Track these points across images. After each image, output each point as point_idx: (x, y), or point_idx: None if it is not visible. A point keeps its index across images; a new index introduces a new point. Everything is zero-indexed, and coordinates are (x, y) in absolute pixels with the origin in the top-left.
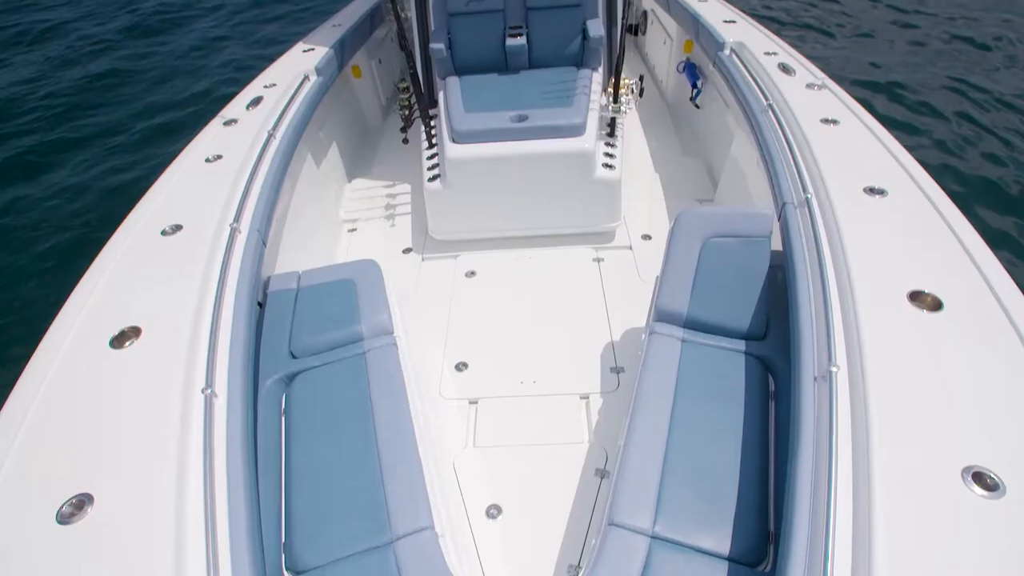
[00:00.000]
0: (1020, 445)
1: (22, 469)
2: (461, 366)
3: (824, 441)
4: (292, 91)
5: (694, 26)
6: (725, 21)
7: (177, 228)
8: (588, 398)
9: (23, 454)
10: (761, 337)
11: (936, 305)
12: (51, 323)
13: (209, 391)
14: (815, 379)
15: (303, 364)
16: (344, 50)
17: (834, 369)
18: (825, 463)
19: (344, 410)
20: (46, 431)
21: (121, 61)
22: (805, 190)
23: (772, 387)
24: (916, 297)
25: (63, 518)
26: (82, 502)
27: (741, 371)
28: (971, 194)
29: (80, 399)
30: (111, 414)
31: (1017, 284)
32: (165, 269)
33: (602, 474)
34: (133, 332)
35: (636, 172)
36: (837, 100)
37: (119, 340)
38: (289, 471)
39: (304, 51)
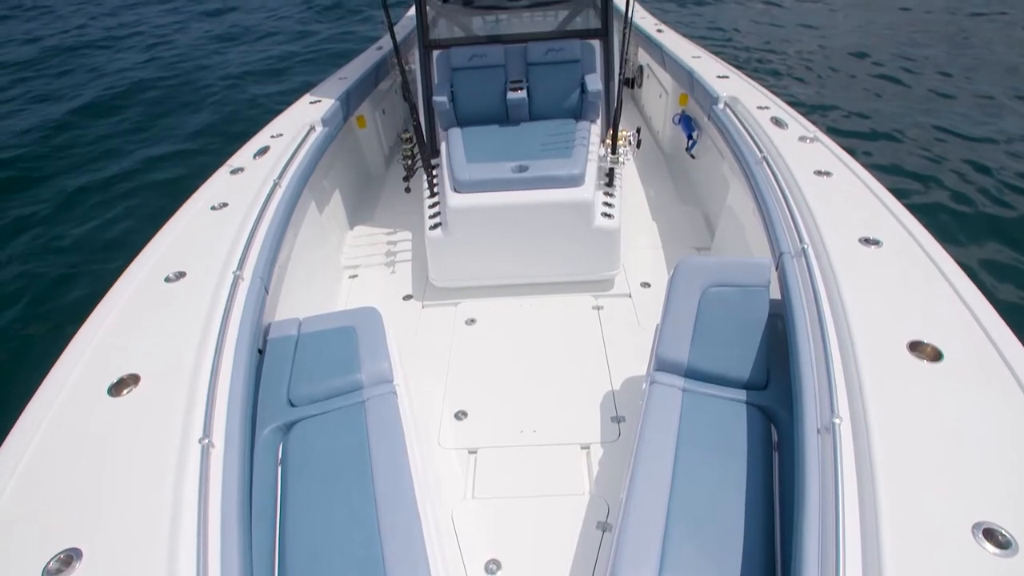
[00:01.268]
0: None
1: (10, 521)
2: (460, 415)
3: (830, 496)
4: (298, 141)
5: (689, 80)
6: (718, 76)
7: (181, 275)
8: (589, 448)
9: (12, 505)
10: (762, 387)
11: (936, 355)
12: (50, 368)
13: (206, 441)
14: (818, 431)
15: (301, 413)
16: (350, 102)
17: (837, 421)
18: (832, 518)
19: (341, 461)
20: (38, 481)
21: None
22: (801, 240)
23: (775, 438)
24: (916, 347)
25: (49, 574)
26: (70, 557)
27: (743, 422)
28: (964, 242)
29: (75, 448)
30: (106, 464)
31: (1015, 333)
32: (167, 316)
33: (604, 527)
34: (132, 380)
35: (635, 221)
36: (829, 152)
37: (117, 388)
38: (284, 524)
39: (311, 102)
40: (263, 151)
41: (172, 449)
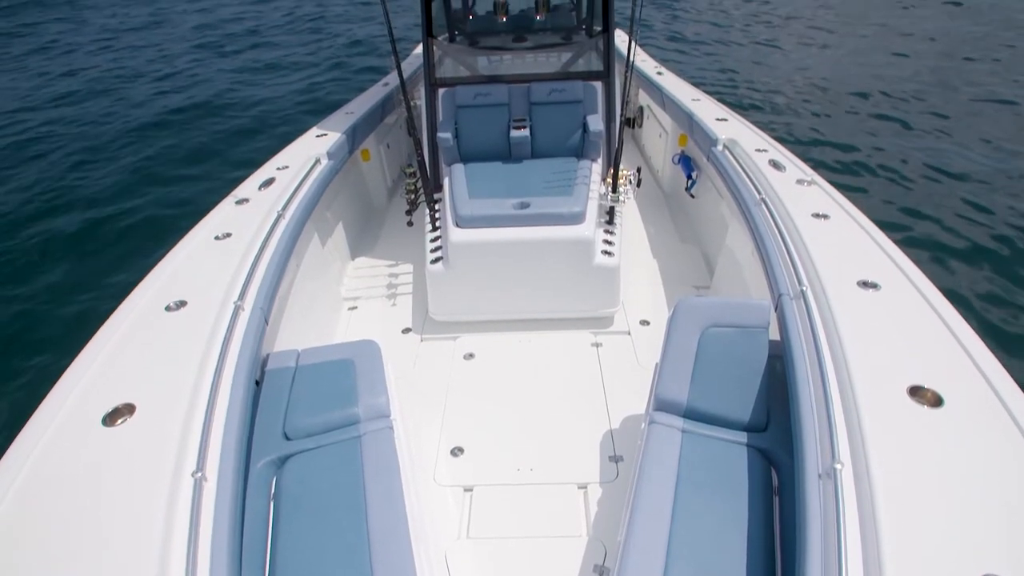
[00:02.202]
0: None
1: None
2: (457, 451)
3: (832, 543)
4: (303, 173)
5: (688, 122)
6: (717, 119)
7: (182, 304)
8: (586, 488)
9: None
10: (762, 429)
11: (937, 401)
12: (46, 395)
13: (199, 475)
14: (819, 476)
15: (296, 446)
16: (355, 136)
17: (838, 466)
18: (835, 566)
19: (335, 497)
20: (25, 511)
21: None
22: (800, 282)
23: (775, 481)
24: (916, 392)
25: None
26: None
27: (743, 464)
28: (961, 285)
29: (65, 477)
30: (95, 496)
31: (1014, 379)
32: (166, 345)
33: (601, 571)
34: (127, 409)
35: (634, 259)
36: (826, 196)
37: (112, 417)
38: (274, 562)
39: (317, 136)
40: (268, 182)
41: (164, 482)
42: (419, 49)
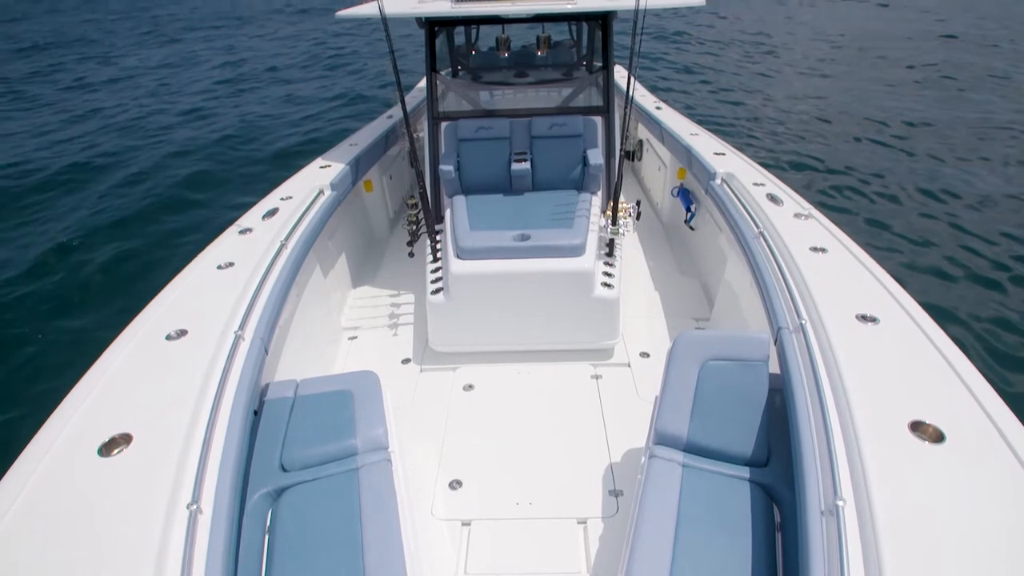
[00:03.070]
0: None
1: None
2: (455, 484)
3: None
4: (307, 204)
5: (686, 156)
6: (715, 153)
7: (182, 333)
8: (586, 523)
9: None
10: (763, 464)
11: (938, 437)
12: (44, 423)
13: (195, 507)
14: (822, 513)
15: (293, 478)
16: (359, 167)
17: (840, 503)
18: None
19: (331, 531)
20: (18, 542)
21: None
22: (799, 316)
23: (777, 518)
24: (918, 427)
25: None
26: None
27: (745, 500)
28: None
29: (59, 508)
30: (89, 528)
31: (1015, 413)
32: (165, 374)
33: None
34: (124, 439)
35: (634, 291)
36: (824, 229)
37: (108, 447)
38: None
39: (321, 167)
40: (272, 212)
41: (158, 514)
42: (423, 83)
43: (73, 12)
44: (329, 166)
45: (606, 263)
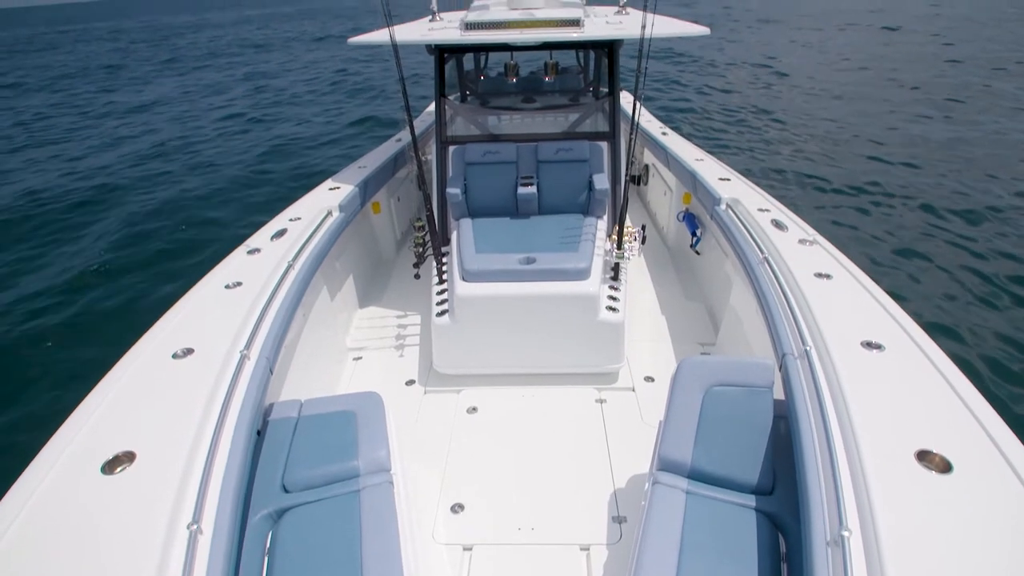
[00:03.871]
0: None
1: None
2: (457, 508)
3: None
4: (315, 225)
5: (692, 181)
6: (720, 179)
7: (188, 351)
8: (589, 550)
9: None
10: (769, 492)
11: (946, 467)
12: (48, 440)
13: (195, 527)
14: (827, 544)
15: (295, 499)
16: (367, 189)
17: (846, 534)
18: None
19: (331, 554)
20: (19, 559)
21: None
22: (804, 342)
23: (783, 547)
24: (924, 457)
25: None
26: None
27: (750, 529)
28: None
29: (61, 524)
30: (89, 546)
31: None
32: (170, 392)
33: None
34: (127, 457)
35: (639, 315)
36: (829, 255)
37: (111, 465)
38: None
39: (330, 189)
40: (280, 233)
41: (158, 534)
42: (432, 107)
43: (98, 42)
44: (338, 188)
45: (611, 287)
